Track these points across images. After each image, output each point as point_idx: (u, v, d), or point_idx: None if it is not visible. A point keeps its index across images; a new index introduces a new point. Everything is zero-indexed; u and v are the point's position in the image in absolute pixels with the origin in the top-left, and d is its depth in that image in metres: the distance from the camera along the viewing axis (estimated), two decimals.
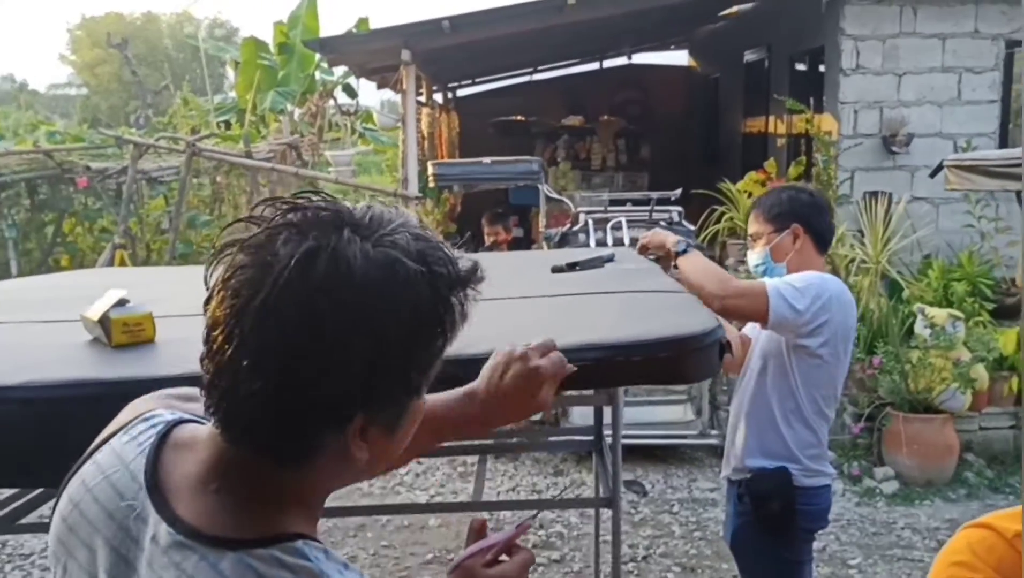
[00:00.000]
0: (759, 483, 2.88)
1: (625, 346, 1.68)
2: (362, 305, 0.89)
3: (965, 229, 7.85)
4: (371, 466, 1.01)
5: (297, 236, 0.90)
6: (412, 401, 0.99)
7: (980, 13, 8.14)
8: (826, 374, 2.85)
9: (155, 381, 1.60)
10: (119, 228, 8.70)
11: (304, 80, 14.95)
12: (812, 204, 2.96)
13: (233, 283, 0.91)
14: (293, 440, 0.93)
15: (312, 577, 0.90)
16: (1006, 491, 5.92)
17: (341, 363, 0.89)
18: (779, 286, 2.72)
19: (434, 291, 0.94)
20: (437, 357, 0.99)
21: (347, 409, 0.92)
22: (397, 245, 0.93)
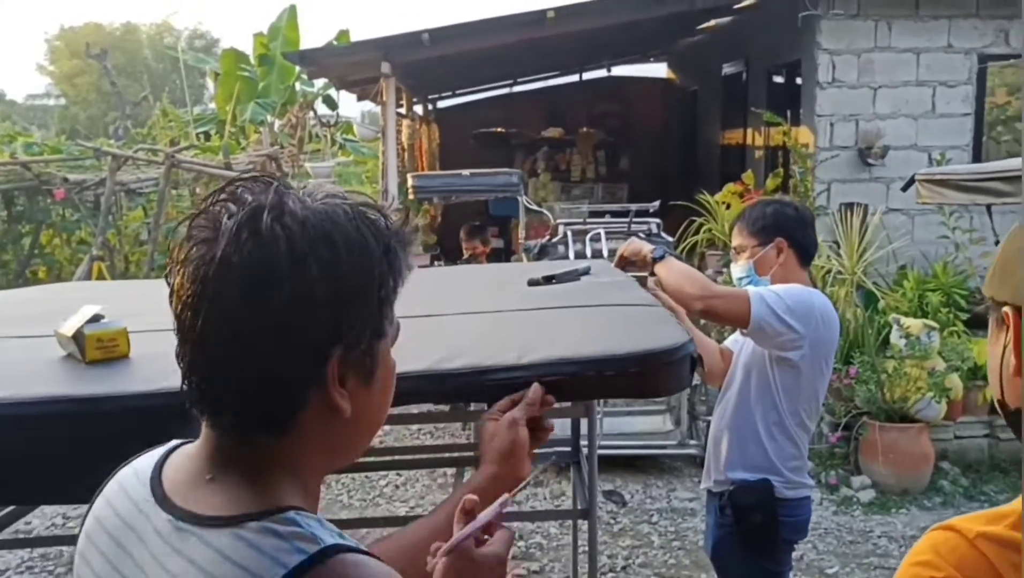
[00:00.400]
0: (742, 495, 2.89)
1: (597, 361, 1.70)
2: (312, 245, 0.95)
3: (940, 240, 7.94)
4: (356, 427, 1.05)
5: (236, 204, 0.97)
6: (380, 344, 1.04)
7: (953, 28, 8.25)
8: (808, 387, 2.87)
9: (129, 397, 1.61)
10: (97, 240, 8.66)
11: (284, 91, 14.94)
12: (796, 218, 2.98)
13: (190, 263, 0.96)
14: (277, 399, 0.97)
15: (304, 540, 0.92)
16: (981, 499, 5.98)
17: (305, 302, 0.94)
18: (763, 292, 2.74)
19: (375, 234, 1.00)
20: (390, 299, 1.04)
21: (322, 347, 0.97)
22: (334, 199, 1.00)
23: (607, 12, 8.56)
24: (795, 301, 2.74)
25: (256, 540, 0.92)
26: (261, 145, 12.13)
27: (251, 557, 0.91)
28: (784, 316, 2.71)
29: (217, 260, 0.94)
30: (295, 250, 0.94)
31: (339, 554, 0.93)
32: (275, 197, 0.97)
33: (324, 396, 0.99)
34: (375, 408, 1.08)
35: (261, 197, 0.97)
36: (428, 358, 1.72)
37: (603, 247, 6.20)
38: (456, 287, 2.75)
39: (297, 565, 0.90)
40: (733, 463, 2.94)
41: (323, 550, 0.92)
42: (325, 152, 13.66)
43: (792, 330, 2.73)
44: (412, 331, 2.02)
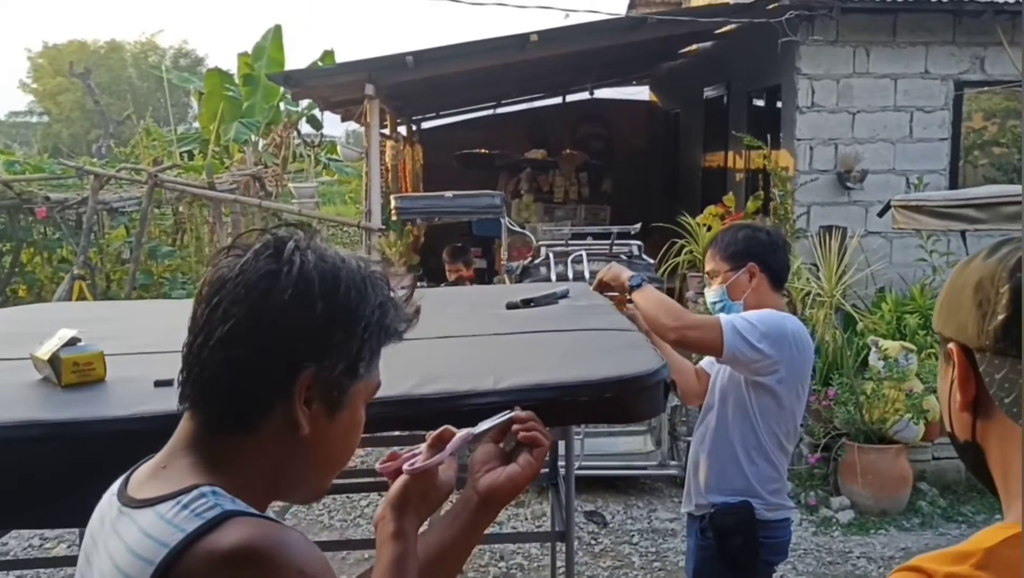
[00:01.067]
0: (722, 517, 2.90)
1: (572, 386, 1.72)
2: (321, 273, 1.11)
3: (917, 263, 8.03)
4: (311, 454, 1.14)
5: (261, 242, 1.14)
6: (352, 385, 1.15)
7: (930, 55, 8.38)
8: (786, 411, 2.90)
9: (104, 422, 1.62)
10: (78, 259, 8.62)
11: (269, 111, 14.98)
12: (768, 243, 3.01)
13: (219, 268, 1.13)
14: (246, 395, 1.10)
15: (207, 509, 1.02)
16: (959, 520, 6.02)
17: (299, 310, 1.09)
18: (734, 321, 2.76)
19: (375, 289, 1.15)
20: (375, 346, 1.16)
21: (298, 358, 1.09)
22: (355, 257, 1.17)
23: (589, 36, 8.64)
24: (768, 327, 2.77)
25: (167, 513, 1.03)
26: (245, 165, 12.12)
27: (160, 529, 1.02)
28: (757, 343, 2.73)
29: (238, 268, 1.10)
30: (304, 270, 1.10)
31: (235, 517, 1.02)
32: (306, 238, 1.15)
33: (288, 409, 1.10)
34: (333, 444, 1.17)
35: (297, 234, 1.15)
36: (405, 383, 1.73)
37: (585, 269, 6.24)
38: (435, 310, 2.77)
39: (194, 529, 1.00)
40: (713, 487, 2.96)
41: (219, 515, 1.01)
42: (309, 172, 13.67)
43: (766, 356, 2.76)
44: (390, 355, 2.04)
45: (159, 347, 2.02)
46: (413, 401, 1.68)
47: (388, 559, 1.24)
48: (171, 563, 1.00)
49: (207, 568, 0.99)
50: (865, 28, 8.27)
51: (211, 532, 1.00)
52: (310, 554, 1.04)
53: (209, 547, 0.99)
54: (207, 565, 0.99)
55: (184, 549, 1.00)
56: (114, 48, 38.10)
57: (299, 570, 1.01)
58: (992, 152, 9.19)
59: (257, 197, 10.61)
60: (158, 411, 1.53)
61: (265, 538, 1.01)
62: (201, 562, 0.99)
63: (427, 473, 1.30)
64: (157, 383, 1.70)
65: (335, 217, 12.33)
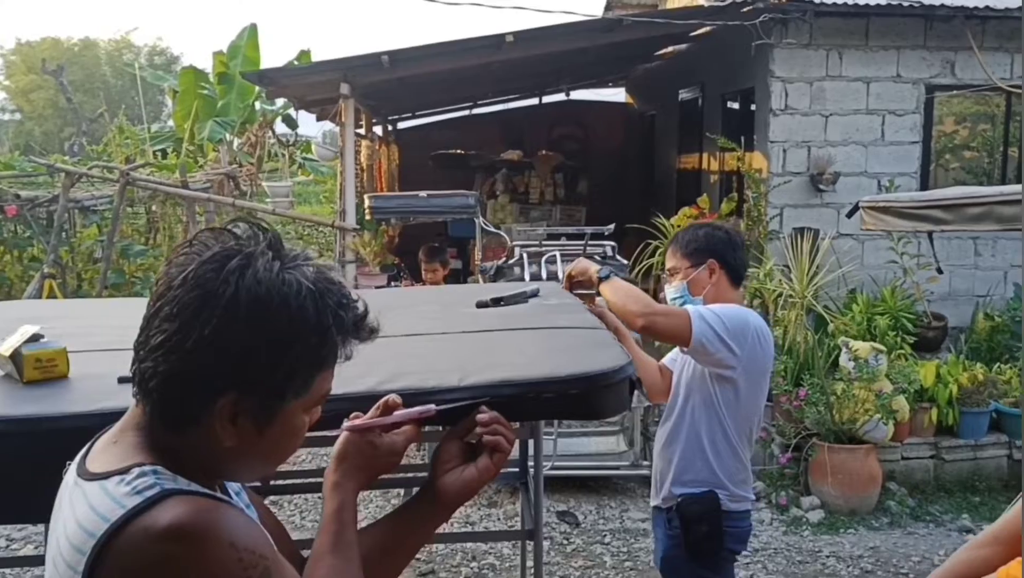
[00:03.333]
0: (689, 507, 2.98)
1: (537, 383, 1.72)
2: (253, 301, 1.11)
3: (888, 265, 8.12)
4: (242, 458, 1.20)
5: (227, 241, 1.17)
6: (281, 405, 1.17)
7: (902, 59, 8.47)
8: (749, 403, 2.98)
9: (66, 418, 1.61)
10: (49, 257, 8.54)
11: (244, 110, 14.91)
12: (727, 241, 3.09)
13: (169, 269, 1.16)
14: (176, 406, 1.14)
15: (148, 488, 1.08)
16: (927, 519, 6.09)
17: (219, 341, 1.11)
18: (702, 311, 2.84)
19: (318, 316, 1.15)
20: (307, 372, 1.18)
21: (217, 385, 1.12)
22: (300, 272, 1.16)
23: (565, 37, 8.66)
24: (731, 320, 2.85)
25: (111, 489, 1.10)
26: (219, 164, 12.05)
27: (104, 503, 1.09)
28: (723, 334, 2.82)
29: (180, 278, 1.13)
30: (236, 295, 1.11)
31: (173, 496, 1.08)
32: (253, 249, 1.15)
33: (213, 423, 1.15)
34: (264, 453, 1.22)
35: (242, 247, 1.15)
36: (369, 380, 1.73)
37: (559, 269, 6.25)
38: (405, 308, 2.77)
39: (133, 506, 1.07)
40: (680, 479, 3.03)
41: (158, 493, 1.08)
42: (284, 171, 13.61)
43: (730, 348, 2.84)
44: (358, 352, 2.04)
45: (124, 344, 1.98)
46: (375, 398, 1.68)
47: (328, 511, 1.33)
48: (110, 537, 1.06)
49: (143, 544, 1.05)
50: (838, 31, 8.35)
51: (149, 510, 1.06)
52: (243, 529, 1.10)
53: (146, 524, 1.05)
54: (143, 541, 1.05)
55: (123, 525, 1.06)
56: (88, 46, 37.70)
57: (230, 544, 1.07)
58: (963, 156, 9.30)
59: (231, 196, 10.55)
60: (121, 407, 1.51)
61: (197, 515, 1.06)
62: (138, 538, 1.05)
63: (368, 432, 1.38)
64: (121, 379, 1.69)
65: (309, 217, 12.28)
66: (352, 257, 8.58)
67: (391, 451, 1.38)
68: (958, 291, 8.63)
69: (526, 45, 8.37)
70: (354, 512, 1.34)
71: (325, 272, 1.20)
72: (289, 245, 1.22)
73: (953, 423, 6.50)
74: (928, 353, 7.45)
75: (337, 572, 1.28)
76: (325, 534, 1.31)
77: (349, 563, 1.29)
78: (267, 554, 1.12)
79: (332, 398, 1.61)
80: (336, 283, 1.21)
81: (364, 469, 1.37)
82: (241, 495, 1.37)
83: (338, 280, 1.22)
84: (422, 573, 5.21)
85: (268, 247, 1.17)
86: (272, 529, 1.43)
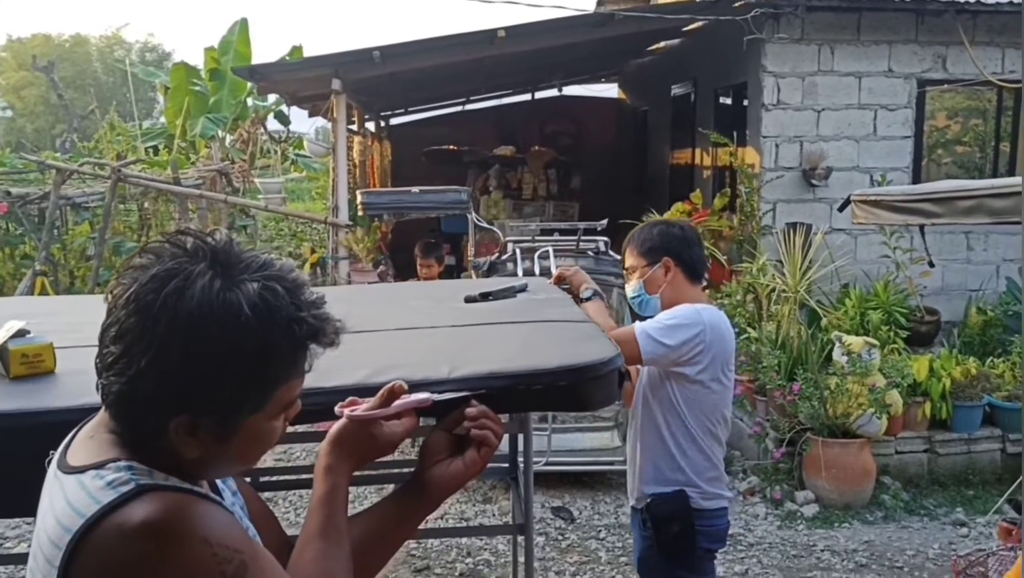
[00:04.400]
0: (658, 507, 2.99)
1: (526, 374, 1.72)
2: (191, 326, 1.09)
3: (881, 260, 8.13)
4: (209, 464, 1.19)
5: (166, 261, 1.13)
6: (239, 419, 1.15)
7: (893, 53, 8.48)
8: (711, 399, 2.97)
9: (53, 413, 1.59)
10: (40, 254, 8.51)
11: (236, 106, 14.85)
12: (681, 238, 3.09)
13: (115, 288, 1.15)
14: (130, 421, 1.14)
15: (123, 483, 1.09)
16: (921, 513, 6.10)
17: (162, 367, 1.09)
18: (647, 328, 2.86)
19: (264, 336, 1.12)
20: (261, 389, 1.15)
21: (168, 406, 1.11)
22: (243, 289, 1.12)
23: (556, 32, 8.64)
24: (680, 322, 2.87)
25: (88, 483, 1.10)
26: (211, 160, 12.02)
27: (79, 498, 1.09)
28: (670, 342, 2.83)
29: (125, 297, 1.12)
30: (175, 322, 1.09)
31: (150, 492, 1.08)
32: (194, 269, 1.11)
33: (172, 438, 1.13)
34: (233, 458, 1.21)
35: (183, 266, 1.12)
36: (358, 373, 1.72)
37: (552, 265, 6.23)
38: (394, 303, 2.76)
39: (108, 502, 1.07)
40: (648, 478, 3.04)
41: (133, 489, 1.08)
42: (276, 167, 13.57)
43: (679, 352, 2.86)
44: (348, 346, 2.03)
45: None
46: (365, 390, 1.67)
47: (319, 493, 1.32)
48: (84, 533, 1.06)
49: (116, 541, 1.05)
50: (830, 26, 8.35)
51: (123, 506, 1.06)
52: (217, 523, 1.10)
53: (119, 521, 1.05)
54: (116, 538, 1.05)
55: (97, 521, 1.06)
56: (79, 42, 37.60)
57: (203, 540, 1.06)
58: (955, 150, 9.32)
59: (223, 193, 10.52)
60: None
61: (170, 511, 1.06)
62: (111, 535, 1.05)
63: (367, 421, 1.36)
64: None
65: (302, 213, 12.25)
66: (345, 253, 8.56)
67: (389, 442, 1.37)
68: (951, 285, 8.64)
69: (518, 40, 8.36)
70: (345, 496, 1.33)
71: (277, 283, 1.15)
72: (241, 249, 1.18)
73: (946, 417, 6.51)
74: (921, 347, 7.46)
75: (326, 556, 1.27)
76: (315, 516, 1.31)
77: (338, 547, 1.29)
78: (242, 548, 1.11)
79: (321, 392, 1.61)
80: (289, 292, 1.15)
81: (359, 456, 1.37)
82: (228, 482, 1.36)
83: (294, 285, 1.17)
84: (417, 569, 5.20)
85: (211, 264, 1.13)
86: (261, 518, 1.42)
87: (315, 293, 1.22)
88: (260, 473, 3.19)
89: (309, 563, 1.27)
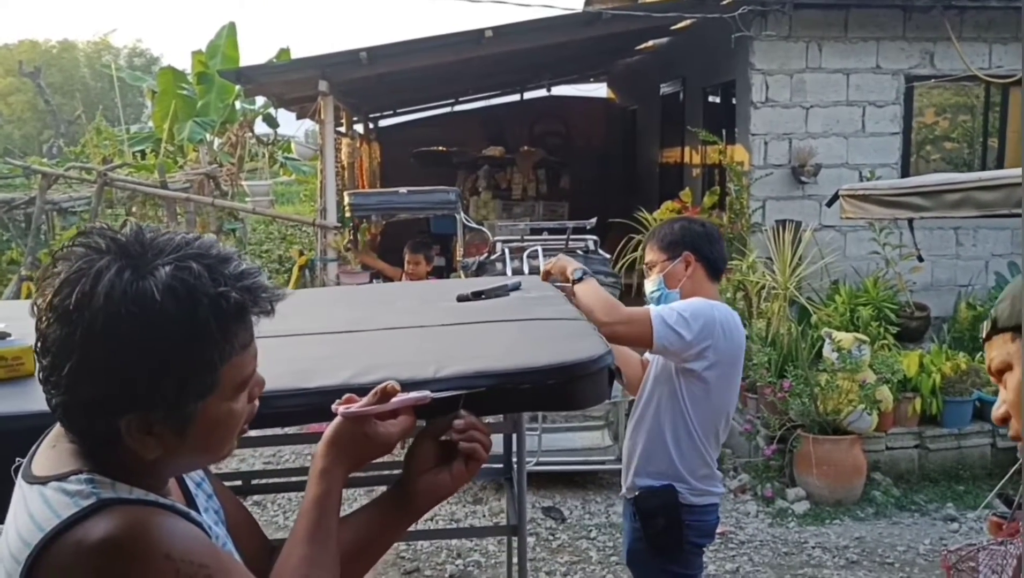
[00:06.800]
0: (646, 500, 3.00)
1: (514, 373, 1.69)
2: (107, 324, 1.05)
3: (871, 256, 8.14)
4: (173, 459, 1.16)
5: (75, 263, 1.09)
6: (190, 408, 1.12)
7: (881, 50, 8.49)
8: (715, 397, 2.97)
9: (31, 416, 1.57)
10: (26, 260, 8.46)
11: (224, 110, 14.81)
12: (703, 234, 3.10)
13: (36, 307, 1.11)
14: (81, 432, 1.12)
15: (83, 496, 1.06)
16: (912, 509, 6.10)
17: (91, 371, 1.06)
18: (663, 313, 2.83)
19: (189, 317, 1.08)
20: (204, 371, 1.11)
21: (111, 409, 1.08)
22: (155, 275, 1.08)
23: (544, 32, 8.62)
24: (695, 315, 2.85)
25: (49, 496, 1.08)
26: (199, 164, 11.97)
27: (41, 510, 1.07)
28: (685, 332, 2.81)
29: (41, 314, 1.09)
30: (92, 329, 1.05)
31: (109, 506, 1.06)
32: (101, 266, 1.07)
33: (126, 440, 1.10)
34: (198, 449, 1.17)
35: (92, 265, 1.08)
36: (344, 373, 1.70)
37: (540, 264, 6.21)
38: (383, 303, 2.74)
39: (68, 517, 1.04)
40: (642, 470, 3.04)
41: (94, 504, 1.05)
42: (264, 171, 13.53)
43: (693, 344, 2.84)
44: (333, 347, 2.01)
45: None
46: (350, 390, 1.65)
47: (312, 496, 1.29)
48: (43, 548, 1.03)
49: (74, 558, 1.03)
50: (817, 23, 8.35)
51: (83, 521, 1.04)
52: (180, 538, 1.06)
53: (78, 537, 1.03)
54: (75, 555, 1.03)
55: (56, 536, 1.04)
56: (67, 48, 37.41)
57: (165, 556, 1.04)
58: (943, 146, 9.34)
59: (211, 196, 10.48)
60: None
61: (131, 527, 1.04)
62: (69, 551, 1.03)
63: (361, 419, 1.31)
64: None
65: (290, 216, 12.21)
66: (334, 256, 8.53)
67: (385, 442, 1.33)
68: (940, 281, 8.66)
69: (505, 40, 8.34)
70: (338, 500, 1.31)
71: (194, 261, 1.10)
72: (154, 235, 1.14)
73: (937, 412, 6.52)
74: (911, 343, 7.47)
75: (311, 562, 1.25)
76: (304, 520, 1.28)
77: (325, 553, 1.26)
78: (207, 562, 1.08)
79: (305, 392, 1.59)
80: (209, 269, 1.11)
81: (355, 457, 1.33)
82: (203, 485, 1.34)
83: (216, 260, 1.12)
84: (407, 571, 5.18)
85: (118, 256, 1.09)
86: (239, 523, 1.40)
87: (244, 264, 1.16)
88: (249, 476, 3.16)
89: (294, 569, 1.25)
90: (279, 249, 13.40)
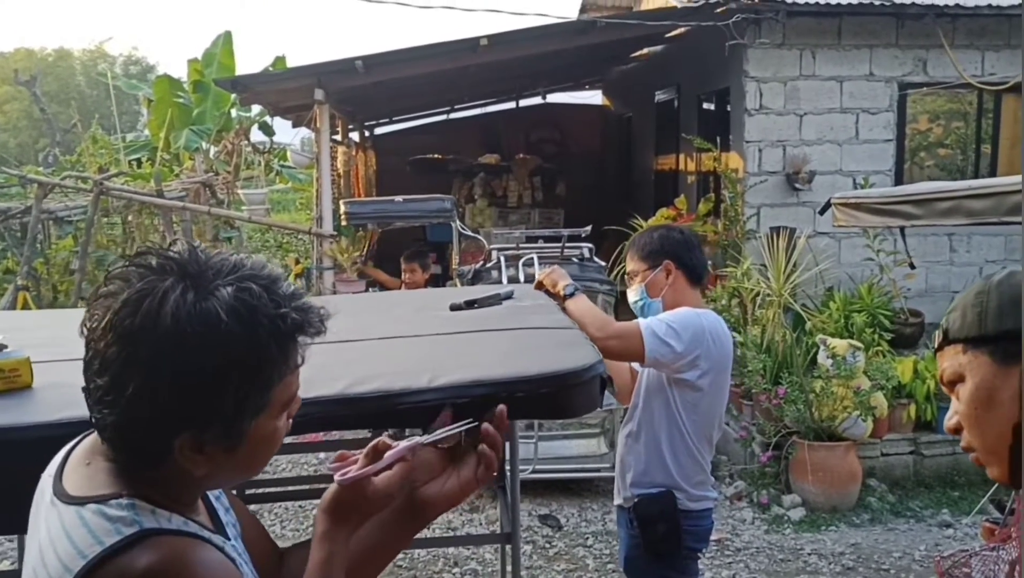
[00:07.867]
0: (645, 506, 3.01)
1: (507, 382, 1.71)
2: (174, 345, 1.07)
3: (865, 262, 8.17)
4: (218, 476, 1.18)
5: (135, 283, 1.11)
6: (243, 426, 1.14)
7: (874, 57, 8.53)
8: (707, 404, 2.99)
9: (29, 428, 1.58)
10: (22, 269, 8.46)
11: (220, 118, 14.81)
12: (682, 241, 3.12)
13: (89, 320, 1.12)
14: (132, 451, 1.13)
15: (125, 523, 1.07)
16: (907, 515, 6.12)
17: (154, 389, 1.07)
18: (652, 325, 2.85)
19: (250, 338, 1.10)
20: (260, 391, 1.14)
21: (168, 428, 1.10)
22: (217, 296, 1.10)
23: (539, 39, 8.65)
24: (683, 326, 2.88)
25: (89, 519, 1.08)
26: (195, 172, 11.98)
27: (81, 534, 1.07)
28: (675, 343, 2.84)
29: (102, 327, 1.10)
30: (157, 348, 1.07)
31: (151, 537, 1.06)
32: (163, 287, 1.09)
33: (177, 457, 1.12)
34: (241, 467, 1.20)
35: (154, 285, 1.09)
36: (340, 383, 1.72)
37: (536, 272, 6.22)
38: (379, 312, 2.76)
39: (111, 545, 1.05)
40: (639, 481, 3.06)
41: (137, 533, 1.06)
42: (260, 179, 13.54)
43: (684, 355, 2.87)
44: (329, 357, 2.02)
45: None
46: (346, 401, 1.67)
47: (316, 560, 1.27)
48: (87, 575, 1.04)
49: None
50: (811, 31, 8.39)
51: (126, 551, 1.05)
52: (216, 570, 1.09)
53: (122, 567, 1.04)
54: None
55: (99, 564, 1.04)
56: (62, 56, 37.45)
57: None
58: (937, 153, 9.37)
59: (207, 205, 10.48)
60: (83, 416, 1.49)
61: (171, 564, 1.05)
62: None
63: (359, 483, 1.28)
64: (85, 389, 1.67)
65: (286, 224, 12.23)
66: (330, 264, 8.54)
67: (385, 494, 1.29)
68: (934, 287, 8.69)
69: (501, 48, 8.36)
70: (343, 561, 1.28)
71: (251, 282, 1.13)
72: (208, 255, 1.16)
73: (931, 418, 6.54)
74: (905, 349, 7.49)
75: None
76: None
77: None
78: None
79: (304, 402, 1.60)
80: (266, 289, 1.14)
81: (355, 519, 1.31)
82: (221, 498, 1.35)
83: (269, 281, 1.15)
84: None
85: (180, 277, 1.11)
86: (252, 532, 1.42)
87: (291, 285, 1.19)
88: (245, 486, 3.17)
89: None
90: (275, 257, 13.42)
